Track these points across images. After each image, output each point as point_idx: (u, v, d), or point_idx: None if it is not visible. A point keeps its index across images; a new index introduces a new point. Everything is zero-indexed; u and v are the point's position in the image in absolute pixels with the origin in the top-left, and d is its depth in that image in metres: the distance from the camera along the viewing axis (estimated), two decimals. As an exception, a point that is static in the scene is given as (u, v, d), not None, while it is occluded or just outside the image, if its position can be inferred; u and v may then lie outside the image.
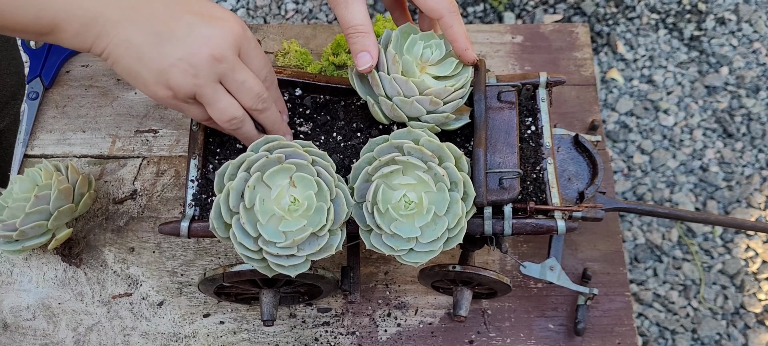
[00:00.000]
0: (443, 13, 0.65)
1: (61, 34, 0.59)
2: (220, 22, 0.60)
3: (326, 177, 0.59)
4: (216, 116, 0.62)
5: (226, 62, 0.60)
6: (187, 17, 0.59)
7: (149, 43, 0.58)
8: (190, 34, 0.59)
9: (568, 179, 0.71)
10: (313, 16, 1.82)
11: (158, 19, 0.59)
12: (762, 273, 1.53)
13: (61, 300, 0.78)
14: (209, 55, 0.59)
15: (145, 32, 0.58)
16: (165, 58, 0.58)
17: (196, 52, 0.59)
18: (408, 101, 0.62)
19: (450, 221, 0.60)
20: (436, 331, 0.77)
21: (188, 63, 0.59)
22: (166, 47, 0.58)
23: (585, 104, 0.88)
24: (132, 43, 0.58)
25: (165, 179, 0.83)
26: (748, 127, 1.68)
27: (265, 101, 0.63)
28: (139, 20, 0.58)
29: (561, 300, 0.79)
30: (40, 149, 0.85)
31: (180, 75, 0.59)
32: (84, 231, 0.81)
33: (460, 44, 0.66)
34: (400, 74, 0.63)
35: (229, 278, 0.65)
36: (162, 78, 0.59)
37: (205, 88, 0.60)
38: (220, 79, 0.61)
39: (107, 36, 0.59)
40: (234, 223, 0.58)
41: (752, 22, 1.80)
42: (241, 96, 0.62)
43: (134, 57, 0.59)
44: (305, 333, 0.77)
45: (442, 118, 0.64)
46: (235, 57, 0.61)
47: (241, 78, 0.61)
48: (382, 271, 0.79)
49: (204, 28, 0.59)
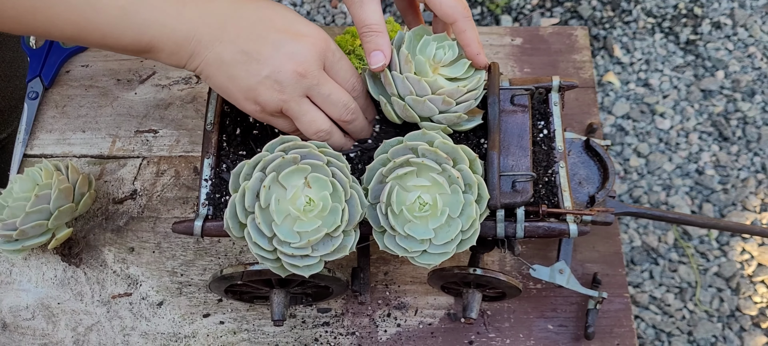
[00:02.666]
0: (457, 17, 0.66)
1: (157, 53, 0.62)
2: (305, 38, 0.62)
3: (341, 178, 0.60)
4: (303, 129, 0.64)
5: (311, 77, 0.62)
6: (273, 35, 0.62)
7: (238, 62, 0.61)
8: (276, 52, 0.61)
9: (579, 182, 0.72)
10: (311, 19, 1.83)
11: (245, 37, 0.61)
12: (757, 276, 1.54)
13: (61, 300, 0.78)
14: (294, 72, 0.61)
15: (233, 51, 0.61)
16: (253, 76, 0.61)
17: (282, 69, 0.61)
18: (420, 100, 0.63)
19: (464, 223, 0.60)
20: (435, 331, 0.77)
21: (274, 80, 0.61)
22: (253, 65, 0.61)
23: (584, 106, 0.89)
24: (222, 62, 0.61)
25: (165, 179, 0.83)
26: (744, 131, 1.69)
27: (352, 112, 0.65)
28: (227, 40, 0.61)
29: (560, 301, 0.79)
30: (39, 149, 0.85)
31: (267, 92, 0.61)
32: (84, 231, 0.81)
33: (473, 49, 0.67)
34: (413, 74, 0.63)
35: (248, 276, 0.65)
36: (250, 95, 0.62)
37: (291, 103, 0.62)
38: (306, 94, 0.63)
39: (199, 56, 0.62)
40: (249, 222, 0.59)
41: (748, 27, 1.82)
42: (328, 108, 0.64)
43: (225, 75, 0.62)
44: (305, 333, 0.77)
45: (455, 119, 0.64)
46: (319, 71, 0.63)
47: (326, 91, 0.63)
48: (382, 271, 0.80)
49: (289, 45, 0.61)
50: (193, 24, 0.61)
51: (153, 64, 0.90)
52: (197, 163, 0.84)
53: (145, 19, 0.60)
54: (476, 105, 0.66)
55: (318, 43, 0.63)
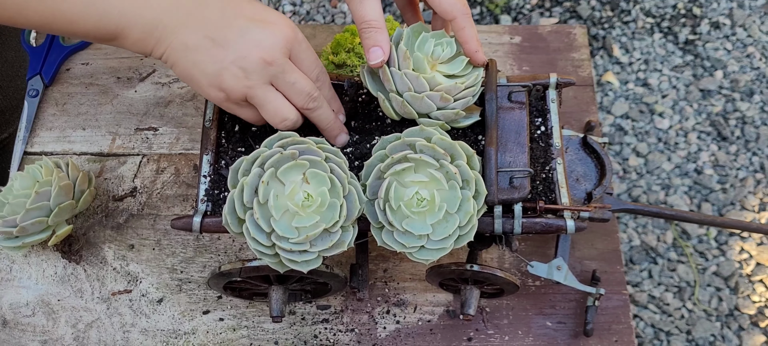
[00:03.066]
0: (457, 14, 0.67)
1: (123, 40, 0.62)
2: (271, 25, 0.62)
3: (339, 174, 0.60)
4: (268, 117, 0.64)
5: (276, 65, 0.62)
6: (240, 22, 0.62)
7: (203, 48, 0.61)
8: (241, 38, 0.61)
9: (576, 179, 0.72)
10: (310, 18, 1.83)
11: (212, 24, 0.61)
12: (756, 275, 1.54)
13: (61, 297, 0.78)
14: (260, 59, 0.61)
15: (199, 37, 0.61)
16: (218, 62, 0.61)
17: (247, 56, 0.61)
18: (418, 97, 0.63)
19: (461, 218, 0.60)
20: (434, 328, 0.78)
21: (239, 66, 0.61)
22: (219, 51, 0.61)
23: (582, 105, 0.89)
24: (188, 48, 0.61)
25: (165, 176, 0.84)
26: (743, 131, 1.69)
27: (315, 100, 0.65)
28: (193, 26, 0.61)
29: (559, 298, 0.79)
30: (40, 147, 0.85)
31: (232, 78, 0.61)
32: (84, 228, 0.81)
33: (472, 46, 0.67)
34: (411, 70, 0.64)
35: (246, 272, 0.65)
36: (215, 81, 0.62)
37: (257, 90, 0.62)
38: (271, 82, 0.63)
39: (165, 41, 0.62)
40: (247, 218, 0.59)
41: (746, 27, 1.82)
42: (292, 96, 0.64)
43: (190, 61, 0.62)
44: (304, 330, 0.77)
45: (452, 115, 0.64)
46: (285, 59, 0.63)
47: (291, 79, 0.63)
48: (381, 268, 0.80)
49: (255, 33, 0.61)
50: (159, 10, 0.61)
51: (153, 62, 0.90)
52: (197, 160, 0.84)
53: (111, 5, 0.60)
54: (474, 102, 0.67)
55: (284, 30, 0.62)
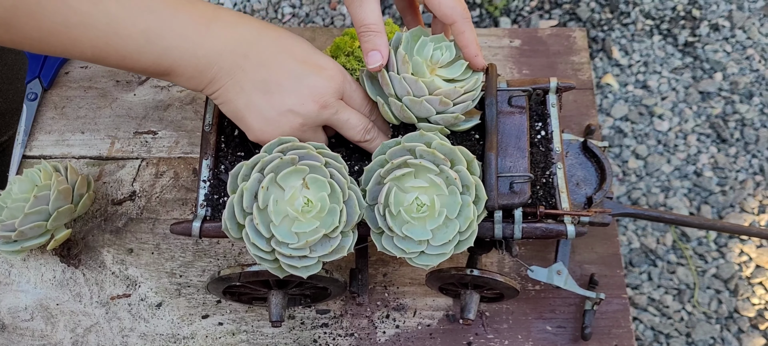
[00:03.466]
0: (457, 18, 0.67)
1: (177, 77, 0.63)
2: (324, 70, 0.63)
3: (339, 179, 0.60)
4: None
5: (330, 108, 0.63)
6: (294, 66, 0.63)
7: (258, 91, 0.62)
8: (298, 84, 0.62)
9: (576, 183, 0.72)
10: (309, 20, 1.83)
11: (266, 67, 0.62)
12: (755, 278, 1.54)
13: (60, 301, 0.78)
14: (315, 104, 0.62)
15: (254, 80, 0.62)
16: (275, 108, 0.62)
17: (304, 103, 0.62)
18: (418, 101, 0.63)
19: (461, 224, 0.60)
20: (434, 333, 0.77)
21: (296, 113, 0.62)
22: (275, 97, 0.62)
23: (582, 108, 0.89)
24: (242, 90, 0.62)
25: (164, 180, 0.84)
26: (742, 133, 1.69)
27: (370, 132, 0.66)
28: (249, 68, 0.62)
29: (559, 302, 0.79)
30: (38, 150, 0.85)
31: (287, 124, 0.63)
32: (83, 232, 0.81)
33: (471, 50, 0.67)
34: (410, 74, 0.63)
35: (245, 277, 0.65)
36: (270, 126, 0.63)
37: (308, 132, 0.64)
38: (324, 123, 0.65)
39: (219, 82, 0.62)
40: (247, 223, 0.59)
41: (746, 29, 1.82)
42: (346, 132, 0.65)
43: (243, 103, 0.63)
44: (304, 335, 0.77)
45: (452, 119, 0.64)
46: (337, 101, 0.64)
47: (345, 117, 0.64)
48: (381, 273, 0.80)
49: (309, 78, 0.62)
50: (215, 51, 0.61)
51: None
52: (196, 164, 0.84)
53: (167, 45, 0.60)
54: (474, 106, 0.67)
55: (336, 76, 0.64)
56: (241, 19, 0.63)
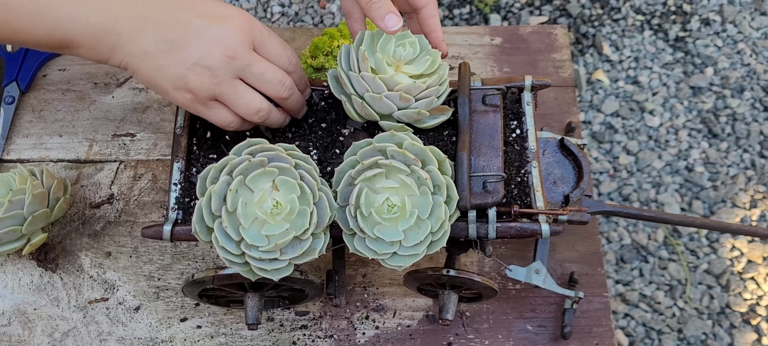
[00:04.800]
0: (428, 1, 0.67)
1: (76, 49, 0.61)
2: (229, 20, 0.61)
3: (309, 180, 0.59)
4: (241, 112, 0.63)
5: (240, 58, 0.61)
6: (196, 21, 0.61)
7: (163, 52, 0.60)
8: (201, 38, 0.60)
9: (554, 182, 0.71)
10: (299, 19, 1.82)
11: (168, 26, 0.60)
12: (747, 273, 1.53)
13: (37, 306, 0.77)
14: (223, 55, 0.60)
15: (157, 41, 0.60)
16: (180, 64, 0.60)
17: (210, 54, 0.60)
18: (377, 97, 0.62)
19: (433, 224, 0.60)
20: (414, 333, 0.77)
21: (203, 66, 0.60)
22: (179, 53, 0.60)
23: (563, 106, 0.88)
24: (147, 53, 0.60)
25: (142, 182, 0.83)
26: (733, 128, 1.69)
27: (288, 88, 0.64)
28: (149, 30, 0.60)
29: (539, 302, 0.79)
30: (16, 154, 0.84)
31: (197, 78, 0.61)
32: (60, 236, 0.80)
33: (439, 35, 0.67)
34: (369, 72, 0.63)
35: (219, 280, 0.64)
36: (180, 83, 0.61)
37: (224, 86, 0.62)
38: (238, 76, 0.62)
39: (121, 48, 0.61)
40: (216, 227, 0.58)
41: (737, 23, 1.81)
42: (263, 87, 0.63)
43: (151, 66, 0.61)
44: (283, 337, 0.76)
45: (415, 115, 0.64)
46: (249, 52, 0.62)
47: (259, 70, 0.62)
48: (360, 273, 0.79)
49: (213, 29, 0.61)
50: (111, 16, 0.60)
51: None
52: (175, 166, 0.84)
53: (58, 14, 0.59)
54: (440, 102, 0.66)
55: (243, 23, 0.62)
56: None
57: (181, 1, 0.62)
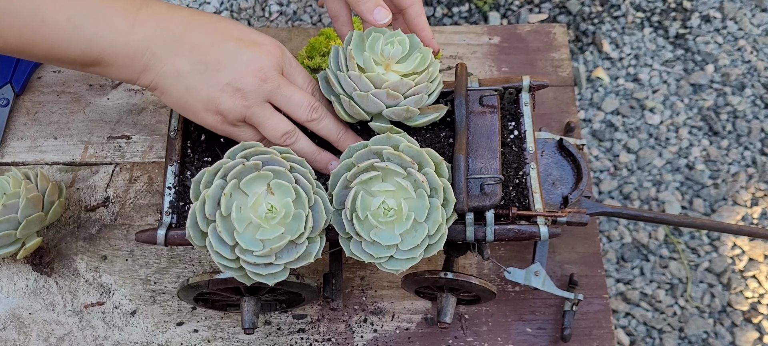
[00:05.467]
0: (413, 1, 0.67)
1: (108, 68, 0.61)
2: (261, 46, 0.62)
3: (304, 184, 0.58)
4: (269, 134, 0.63)
5: (271, 81, 0.62)
6: (230, 44, 0.61)
7: (197, 73, 0.60)
8: (234, 60, 0.61)
9: (553, 183, 0.71)
10: (297, 18, 1.81)
11: (202, 48, 0.61)
12: (748, 271, 1.53)
13: (32, 310, 0.77)
14: (254, 78, 0.61)
15: (191, 62, 0.60)
16: (213, 86, 0.61)
17: (242, 77, 0.61)
18: (364, 96, 0.62)
19: (430, 227, 0.59)
20: (412, 336, 0.76)
21: (235, 87, 0.61)
22: (213, 76, 0.61)
23: (562, 105, 0.88)
24: (180, 74, 0.61)
25: (138, 185, 0.82)
26: (734, 125, 1.68)
27: (316, 110, 0.64)
28: (183, 52, 0.61)
29: (539, 304, 0.78)
30: (10, 157, 0.84)
31: (229, 99, 0.61)
32: (55, 240, 0.79)
33: (428, 33, 0.67)
34: (356, 71, 0.62)
35: (214, 284, 0.64)
36: (212, 104, 0.61)
37: (255, 109, 0.62)
38: (268, 99, 0.63)
39: (154, 69, 0.61)
40: (210, 231, 0.57)
41: (737, 20, 1.80)
42: (291, 110, 0.64)
43: (182, 87, 0.61)
44: (281, 340, 0.76)
45: (403, 112, 0.63)
46: (279, 76, 0.63)
47: (288, 93, 0.63)
48: (358, 276, 0.79)
49: (246, 54, 0.61)
50: (146, 37, 0.60)
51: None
52: (171, 169, 0.83)
53: (95, 32, 0.59)
54: (431, 100, 0.65)
55: (274, 51, 0.63)
56: (171, 7, 0.63)
57: (215, 25, 0.63)
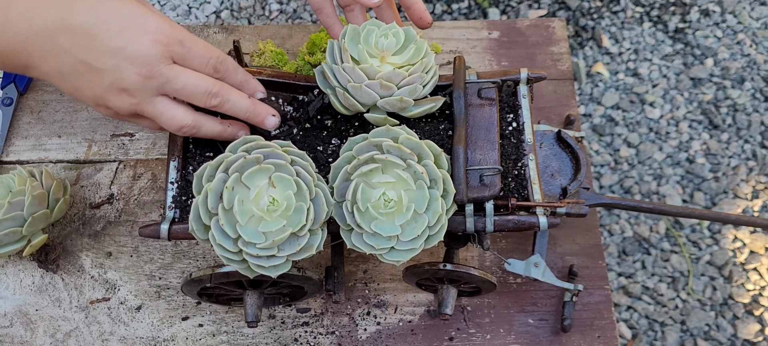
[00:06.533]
0: None
1: None
2: (146, 36, 0.58)
3: (305, 176, 0.59)
4: (167, 128, 0.62)
5: (158, 76, 0.59)
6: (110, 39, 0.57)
7: (78, 73, 0.58)
8: (114, 58, 0.57)
9: (551, 174, 0.71)
10: (297, 16, 1.82)
11: (81, 46, 0.57)
12: (750, 263, 1.53)
13: (39, 307, 0.77)
14: (138, 75, 0.58)
15: (71, 62, 0.58)
16: (97, 85, 0.58)
17: (125, 77, 0.58)
18: (358, 87, 0.62)
19: (430, 218, 0.59)
20: (416, 329, 0.77)
21: (119, 87, 0.58)
22: (95, 75, 0.58)
23: (562, 99, 0.88)
24: (62, 74, 0.59)
25: (142, 182, 0.83)
26: (734, 119, 1.68)
27: (216, 95, 0.61)
28: (61, 50, 0.57)
29: (541, 295, 0.79)
30: (15, 156, 0.84)
31: (116, 99, 0.59)
32: (60, 237, 0.80)
33: (418, 7, 0.66)
34: (350, 63, 0.63)
35: (216, 279, 0.64)
36: (101, 102, 0.60)
37: (145, 106, 0.60)
38: (159, 92, 0.60)
39: (37, 67, 0.59)
40: (213, 225, 0.58)
41: (736, 14, 1.81)
42: (189, 100, 0.61)
43: (69, 86, 0.60)
44: (285, 334, 0.76)
45: (397, 103, 0.63)
46: (168, 67, 0.59)
47: (180, 84, 0.59)
48: (361, 269, 0.79)
49: (129, 48, 0.57)
50: (19, 37, 0.57)
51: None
52: (174, 165, 0.84)
53: None
54: (427, 91, 0.66)
55: (160, 38, 0.58)
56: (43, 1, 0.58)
57: (94, 13, 0.57)
